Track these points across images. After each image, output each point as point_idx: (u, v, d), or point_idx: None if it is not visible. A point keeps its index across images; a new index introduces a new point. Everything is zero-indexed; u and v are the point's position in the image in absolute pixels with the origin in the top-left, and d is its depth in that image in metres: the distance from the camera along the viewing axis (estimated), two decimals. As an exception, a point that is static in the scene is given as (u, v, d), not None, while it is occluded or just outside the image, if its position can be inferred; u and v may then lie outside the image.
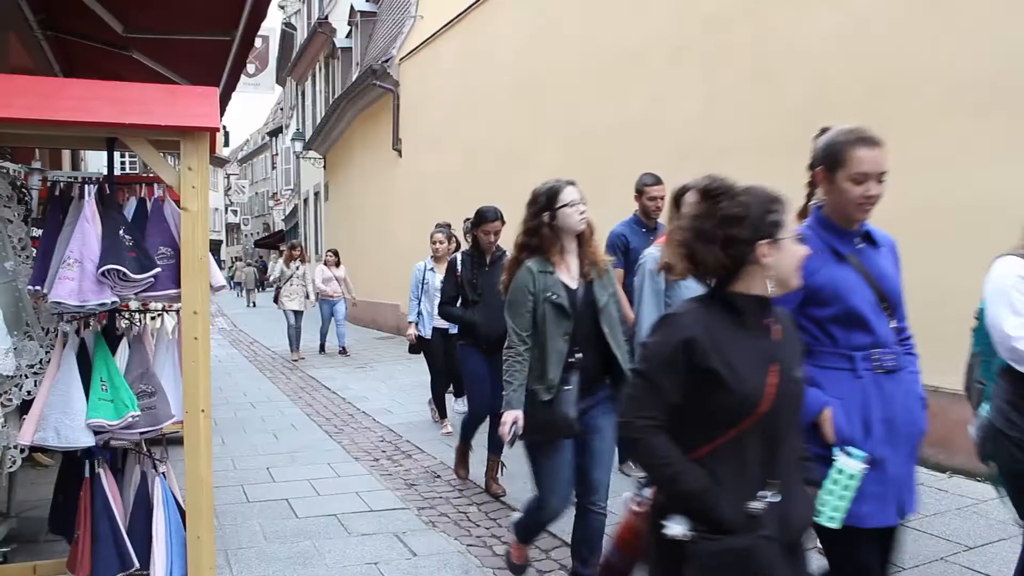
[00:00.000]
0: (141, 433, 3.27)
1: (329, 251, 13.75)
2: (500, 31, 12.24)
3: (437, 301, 6.26)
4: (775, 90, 6.98)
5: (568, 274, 3.46)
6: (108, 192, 3.32)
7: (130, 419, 3.14)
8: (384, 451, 6.58)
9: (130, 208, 3.39)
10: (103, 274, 3.06)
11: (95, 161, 11.71)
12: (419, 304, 7.15)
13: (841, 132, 2.66)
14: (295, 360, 12.46)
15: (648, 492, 2.14)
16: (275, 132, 43.72)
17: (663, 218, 5.11)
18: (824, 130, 2.79)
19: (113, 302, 3.13)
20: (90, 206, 3.15)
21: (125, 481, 3.51)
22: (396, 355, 12.56)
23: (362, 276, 18.97)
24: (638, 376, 2.04)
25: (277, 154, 42.67)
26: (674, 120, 8.20)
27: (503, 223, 5.38)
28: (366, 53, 19.73)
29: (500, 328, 3.79)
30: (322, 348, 13.48)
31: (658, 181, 5.48)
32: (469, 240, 5.84)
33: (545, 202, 3.51)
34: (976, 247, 3.49)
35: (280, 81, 31.10)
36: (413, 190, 15.49)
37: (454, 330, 6.13)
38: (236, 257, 54.30)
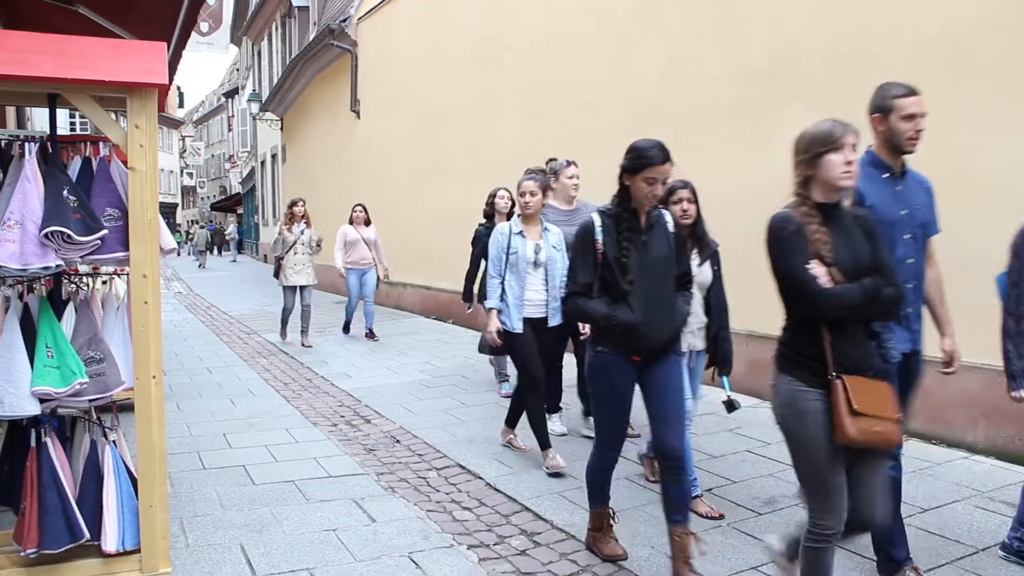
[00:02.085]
0: (90, 400, 3.18)
1: (357, 206, 10.78)
2: (460, -9, 12.05)
3: (533, 279, 5.05)
4: (739, 52, 6.95)
5: None
6: (51, 151, 3.19)
7: (78, 386, 3.04)
8: (343, 416, 6.52)
9: (74, 168, 3.26)
10: (46, 236, 2.94)
11: (43, 120, 11.35)
12: (503, 284, 5.10)
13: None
14: (305, 346, 10.01)
15: None
16: (231, 93, 42.92)
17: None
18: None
19: (58, 265, 3.02)
20: (31, 165, 3.02)
21: (74, 450, 3.42)
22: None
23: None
24: None
25: (233, 116, 41.91)
26: (638, 82, 8.15)
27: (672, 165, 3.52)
28: (323, 12, 19.36)
29: (667, 328, 3.47)
30: (347, 328, 11.13)
31: (912, 92, 3.37)
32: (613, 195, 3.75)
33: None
34: (945, 214, 3.50)
35: (235, 41, 30.48)
36: (372, 152, 15.31)
37: (554, 319, 5.09)
38: (194, 221, 53.45)
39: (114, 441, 3.34)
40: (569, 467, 4.88)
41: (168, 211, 54.99)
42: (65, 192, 3.04)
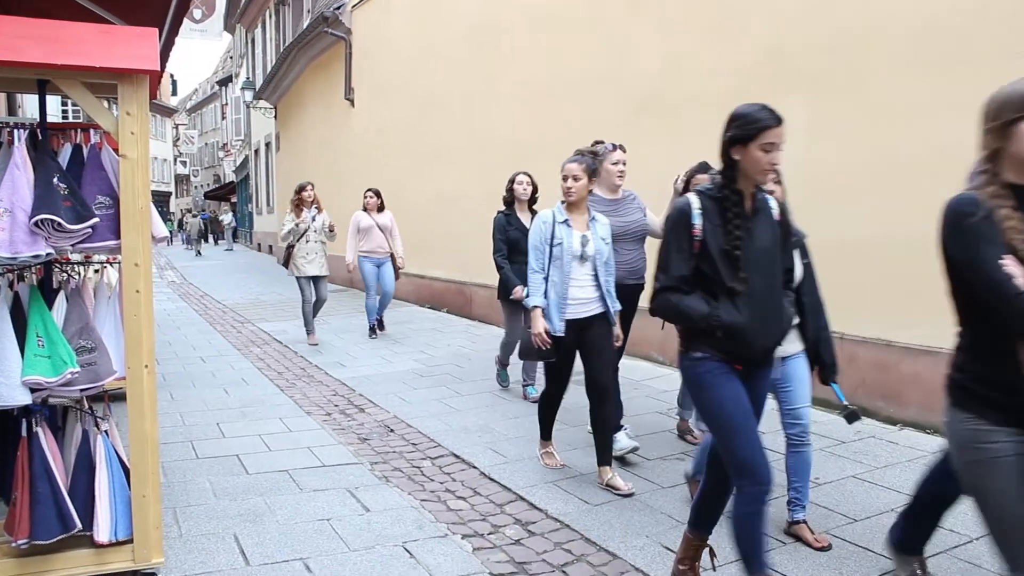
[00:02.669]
0: (81, 390, 3.15)
1: (369, 191, 9.83)
2: (455, -22, 11.98)
3: (579, 274, 4.45)
4: (736, 43, 6.92)
5: None
6: (40, 138, 3.15)
7: (69, 376, 3.02)
8: (337, 405, 6.50)
9: (65, 155, 3.22)
10: (36, 224, 2.91)
11: (35, 106, 11.27)
12: (547, 280, 4.49)
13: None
14: (313, 344, 9.26)
15: None
16: (225, 81, 42.74)
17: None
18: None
19: (48, 254, 2.98)
20: (20, 152, 2.99)
21: (66, 440, 3.39)
22: (349, 308, 12.45)
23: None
24: None
25: (227, 104, 41.80)
26: (633, 72, 8.11)
27: None
28: (317, 0, 19.25)
29: (775, 333, 2.97)
30: (373, 330, 9.91)
31: None
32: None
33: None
34: (937, 200, 3.48)
35: (229, 28, 30.32)
36: (367, 140, 15.26)
37: (591, 309, 4.48)
38: (187, 210, 53.28)
39: (106, 431, 3.31)
40: (628, 488, 4.40)
41: (162, 199, 54.92)
42: (55, 180, 3.01)
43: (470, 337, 9.79)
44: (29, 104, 11.50)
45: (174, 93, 55.40)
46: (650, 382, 6.95)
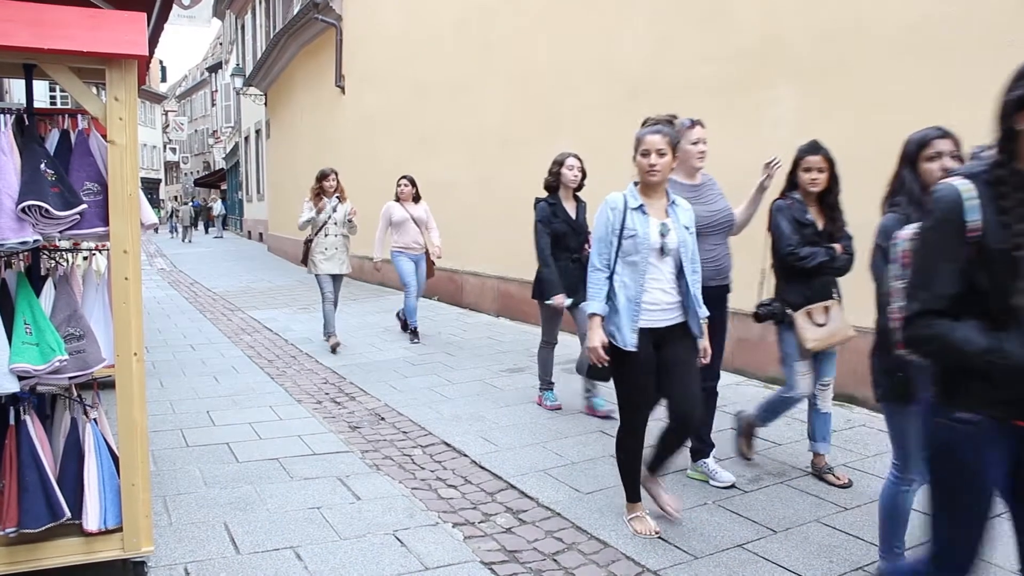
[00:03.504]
0: (70, 378, 3.12)
1: (404, 179, 8.65)
2: (447, -36, 11.92)
3: (657, 272, 3.62)
4: (728, 31, 6.90)
5: None
6: (27, 123, 3.12)
7: (57, 363, 2.99)
8: (327, 393, 6.49)
9: (52, 141, 3.18)
10: (23, 210, 2.87)
11: (22, 91, 11.16)
12: (611, 279, 3.65)
13: None
14: (333, 345, 8.17)
15: None
16: (214, 67, 42.48)
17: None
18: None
19: (35, 240, 2.95)
20: (6, 138, 2.95)
21: (54, 428, 3.37)
22: (341, 296, 12.39)
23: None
24: None
25: (217, 90, 41.53)
26: (625, 58, 8.09)
27: None
28: (308, -15, 19.13)
29: None
30: (415, 333, 8.73)
31: None
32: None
33: None
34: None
35: (218, 14, 30.07)
36: (357, 127, 15.21)
37: (671, 317, 3.65)
38: (175, 197, 53.03)
39: (95, 419, 3.29)
40: (678, 512, 3.92)
41: (151, 186, 54.62)
42: (43, 165, 2.98)
43: (461, 325, 9.78)
44: (16, 89, 11.40)
45: (163, 79, 55.11)
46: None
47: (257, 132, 26.83)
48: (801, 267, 4.13)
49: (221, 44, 39.28)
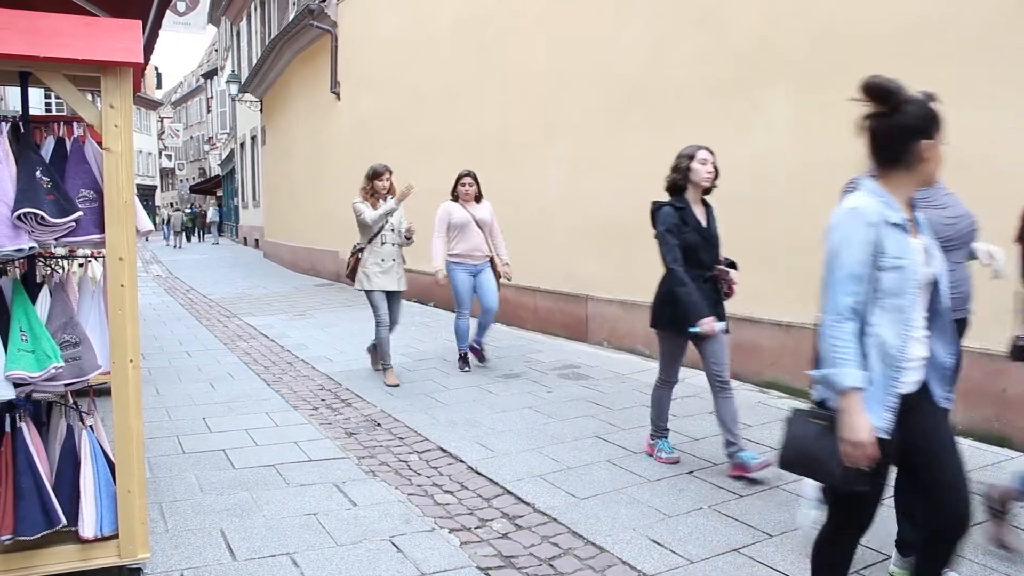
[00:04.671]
0: (66, 385, 3.13)
1: (467, 176, 7.29)
2: (441, -29, 11.95)
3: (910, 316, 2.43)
4: (724, 34, 6.92)
5: None
6: (23, 131, 3.13)
7: (53, 370, 3.00)
8: (323, 400, 6.49)
9: (48, 148, 3.20)
10: (19, 218, 2.89)
11: (17, 99, 11.15)
12: (865, 334, 2.44)
13: None
14: (391, 384, 6.82)
15: None
16: (210, 74, 42.53)
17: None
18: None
19: (31, 248, 2.96)
20: (2, 145, 2.96)
21: (50, 435, 3.37)
22: (337, 302, 12.40)
23: (301, 222, 18.68)
24: None
25: (212, 97, 41.57)
26: (621, 63, 8.11)
27: None
28: (303, -8, 19.16)
29: None
30: (465, 359, 7.49)
31: None
32: None
33: None
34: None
35: (214, 21, 30.13)
36: (352, 133, 15.21)
37: (919, 376, 2.50)
38: (171, 203, 53.00)
39: (91, 426, 3.30)
40: None
41: (147, 193, 54.58)
42: (38, 173, 2.99)
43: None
44: (12, 97, 11.39)
45: (159, 86, 55.16)
46: (637, 376, 6.97)
47: (253, 138, 26.81)
48: None
49: (216, 50, 39.32)
